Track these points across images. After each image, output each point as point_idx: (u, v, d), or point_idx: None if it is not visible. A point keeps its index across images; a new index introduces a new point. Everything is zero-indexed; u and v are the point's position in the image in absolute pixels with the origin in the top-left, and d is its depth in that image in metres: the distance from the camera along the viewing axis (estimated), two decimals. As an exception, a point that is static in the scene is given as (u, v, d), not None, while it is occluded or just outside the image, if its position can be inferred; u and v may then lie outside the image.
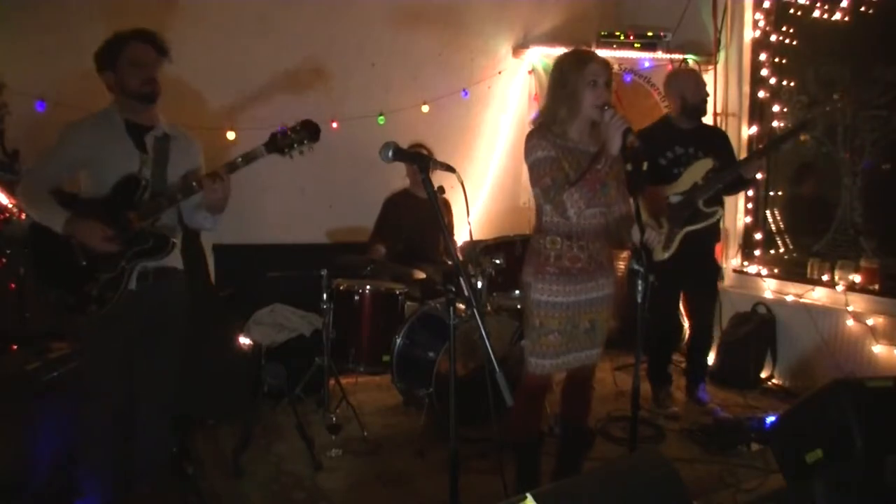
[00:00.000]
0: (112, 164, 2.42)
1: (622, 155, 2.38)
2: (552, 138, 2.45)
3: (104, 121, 2.46)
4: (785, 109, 4.56)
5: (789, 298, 4.39)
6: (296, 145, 2.48)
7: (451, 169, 2.07)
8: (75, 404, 2.65)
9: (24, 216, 3.15)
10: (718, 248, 4.26)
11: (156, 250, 2.47)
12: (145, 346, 2.55)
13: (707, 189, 3.66)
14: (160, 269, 2.52)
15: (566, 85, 2.43)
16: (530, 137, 2.49)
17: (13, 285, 3.28)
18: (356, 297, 3.84)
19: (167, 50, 2.50)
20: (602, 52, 5.13)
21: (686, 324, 5.02)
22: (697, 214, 3.71)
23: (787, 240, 4.61)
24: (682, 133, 3.83)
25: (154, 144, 2.47)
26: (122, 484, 2.64)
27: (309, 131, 2.49)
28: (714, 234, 3.92)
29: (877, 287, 3.92)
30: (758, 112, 4.77)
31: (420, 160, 2.05)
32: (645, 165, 2.41)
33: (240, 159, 2.44)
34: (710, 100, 4.50)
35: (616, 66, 5.20)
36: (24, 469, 2.67)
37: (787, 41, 4.55)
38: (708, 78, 5.04)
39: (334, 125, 4.80)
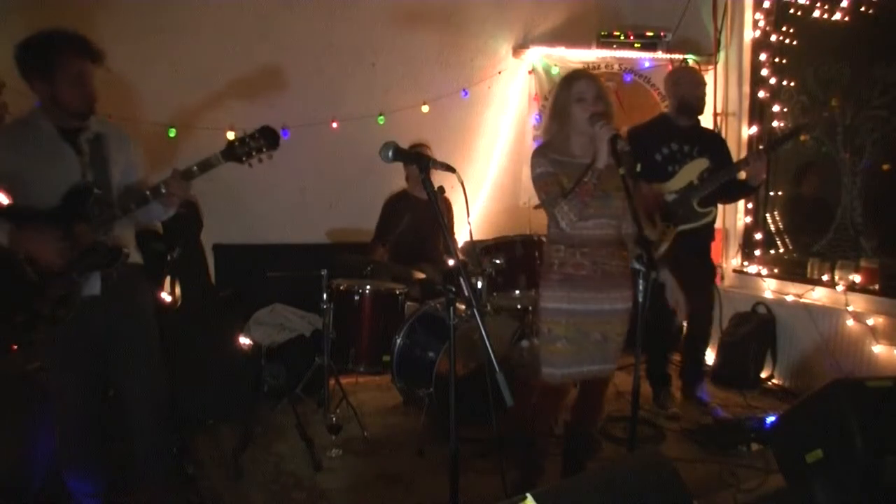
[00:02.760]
0: (48, 172, 2.30)
1: (614, 159, 2.42)
2: (550, 155, 2.54)
3: (30, 129, 2.34)
4: (785, 109, 4.56)
5: (789, 298, 4.39)
6: (254, 153, 2.37)
7: (451, 169, 2.07)
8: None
9: None
10: (716, 247, 4.25)
11: (108, 262, 2.38)
12: (119, 349, 2.48)
13: (702, 189, 3.66)
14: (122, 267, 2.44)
15: (557, 103, 2.56)
16: (532, 156, 2.58)
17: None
18: (356, 297, 3.83)
19: (102, 56, 2.37)
20: (602, 52, 5.21)
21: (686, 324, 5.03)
22: (691, 214, 3.71)
23: (787, 240, 4.61)
24: (678, 130, 3.82)
25: (90, 146, 2.37)
26: (117, 486, 2.64)
27: (267, 139, 2.37)
28: (707, 233, 3.90)
29: (877, 287, 3.92)
30: (758, 112, 4.78)
31: (420, 160, 2.05)
32: (638, 166, 2.46)
33: (195, 168, 2.35)
34: (710, 100, 4.50)
35: (616, 66, 5.22)
36: (24, 469, 2.67)
37: (787, 41, 4.55)
38: (708, 78, 5.03)
39: (334, 125, 4.80)
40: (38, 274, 2.27)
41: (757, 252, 4.78)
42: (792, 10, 4.49)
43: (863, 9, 4.04)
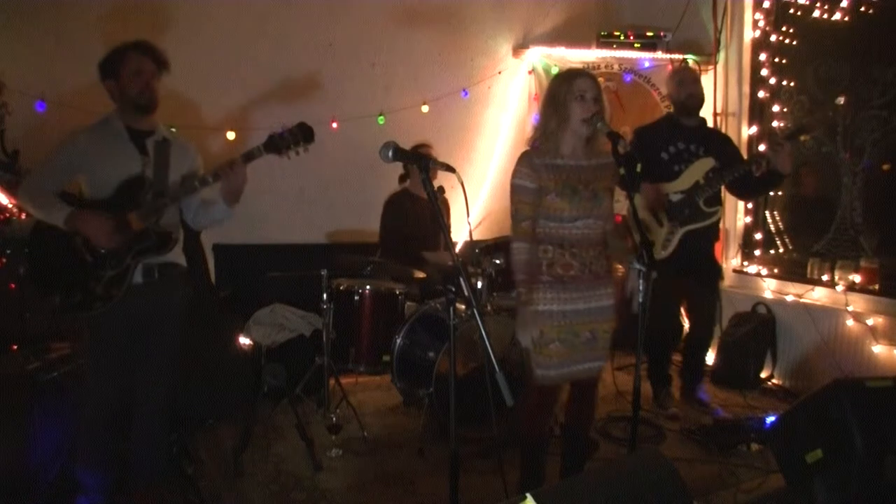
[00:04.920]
0: (113, 168, 2.50)
1: (616, 159, 2.43)
2: (537, 160, 2.52)
3: (105, 127, 2.56)
4: (785, 109, 4.56)
5: (789, 298, 4.39)
6: (292, 146, 2.56)
7: (451, 169, 2.07)
8: (75, 404, 2.66)
9: (24, 216, 3.19)
10: (718, 247, 4.25)
11: (159, 247, 2.55)
12: (144, 343, 2.60)
13: (708, 188, 3.66)
14: (164, 264, 2.59)
15: (556, 99, 2.52)
16: (519, 160, 2.57)
17: (13, 285, 3.28)
18: (356, 297, 3.83)
19: (166, 62, 2.59)
20: (602, 52, 5.21)
21: (687, 324, 5.03)
22: (698, 213, 3.70)
23: (787, 240, 4.61)
24: (684, 130, 3.81)
25: (155, 148, 2.56)
26: (122, 482, 2.66)
27: (304, 133, 2.57)
28: (713, 233, 3.90)
29: (877, 287, 3.92)
30: (758, 112, 4.77)
31: (420, 160, 2.05)
32: (639, 167, 2.46)
33: (240, 158, 2.54)
34: (710, 100, 4.50)
35: (616, 66, 5.22)
36: (24, 469, 2.67)
37: (787, 41, 4.55)
38: (708, 78, 5.05)
39: (334, 125, 4.80)
40: (94, 255, 2.47)
41: (757, 252, 4.78)
42: (792, 10, 4.49)
43: (863, 9, 4.04)
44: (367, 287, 3.84)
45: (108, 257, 2.47)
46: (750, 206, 4.81)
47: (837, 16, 4.18)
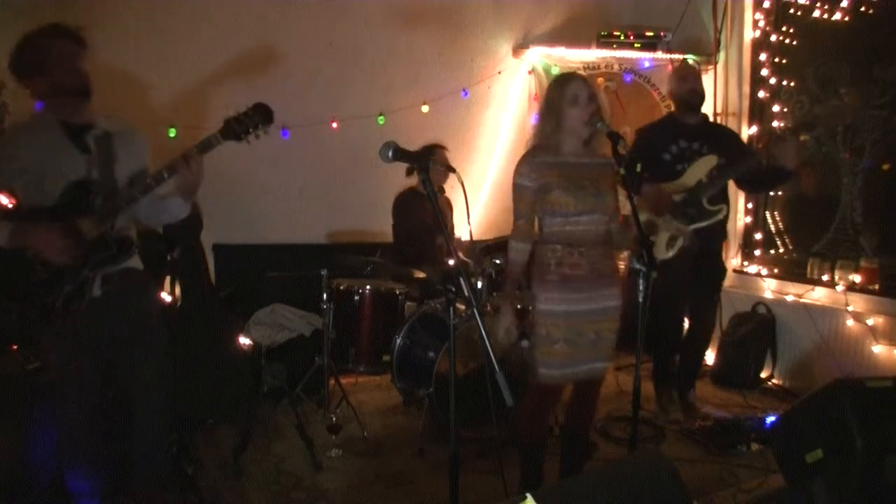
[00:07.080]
0: (54, 170, 2.31)
1: (616, 160, 2.46)
2: (539, 158, 2.56)
3: (38, 125, 2.37)
4: (785, 109, 4.56)
5: (789, 298, 4.39)
6: (251, 129, 2.41)
7: (451, 169, 2.08)
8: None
9: None
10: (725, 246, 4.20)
11: (120, 255, 2.41)
12: (125, 349, 2.52)
13: (711, 186, 3.63)
14: (123, 271, 2.47)
15: (551, 105, 2.59)
16: (520, 161, 2.62)
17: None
18: (356, 297, 3.84)
19: (84, 40, 2.39)
20: (602, 52, 5.22)
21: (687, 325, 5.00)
22: (702, 212, 3.68)
23: (787, 240, 4.61)
24: (686, 128, 3.78)
25: (97, 144, 2.38)
26: (122, 482, 2.66)
27: (262, 114, 2.42)
28: (720, 233, 3.85)
29: (877, 287, 3.92)
30: (758, 112, 4.77)
31: (419, 160, 2.05)
32: (638, 167, 2.47)
33: (195, 149, 2.37)
34: (710, 100, 4.48)
35: (616, 66, 5.22)
36: (24, 469, 2.67)
37: (787, 41, 4.55)
38: (708, 78, 5.04)
39: (334, 125, 4.80)
40: (48, 271, 2.28)
41: (757, 252, 4.78)
42: (792, 10, 4.49)
43: (863, 9, 4.04)
44: (367, 287, 3.84)
45: (65, 271, 2.28)
46: (750, 205, 4.81)
47: (837, 16, 4.18)
